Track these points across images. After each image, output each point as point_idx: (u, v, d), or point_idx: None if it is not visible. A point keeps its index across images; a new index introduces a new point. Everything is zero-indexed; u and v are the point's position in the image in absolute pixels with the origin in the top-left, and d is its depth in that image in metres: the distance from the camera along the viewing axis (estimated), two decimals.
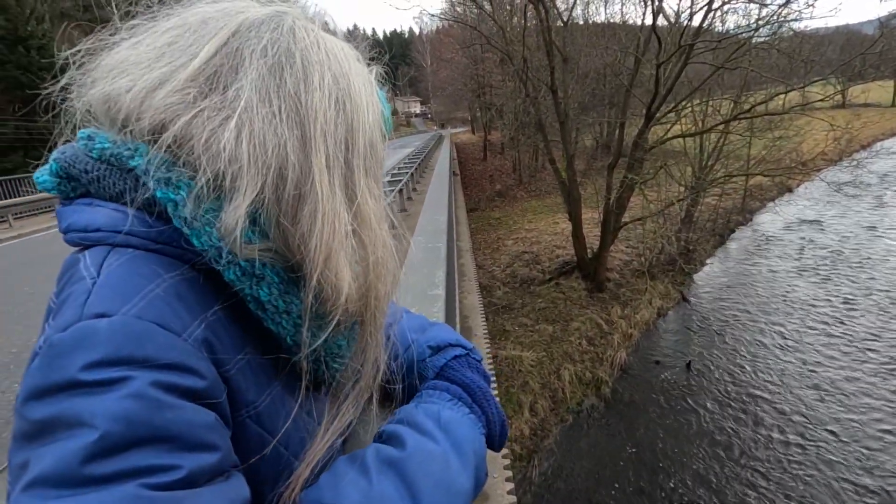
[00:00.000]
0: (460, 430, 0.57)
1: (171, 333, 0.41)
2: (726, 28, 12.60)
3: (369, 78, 0.56)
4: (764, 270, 14.30)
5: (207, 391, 0.42)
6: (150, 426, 0.36)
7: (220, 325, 0.46)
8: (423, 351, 0.70)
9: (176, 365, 0.39)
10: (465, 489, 0.53)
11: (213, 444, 0.40)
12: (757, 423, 7.97)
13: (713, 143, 14.52)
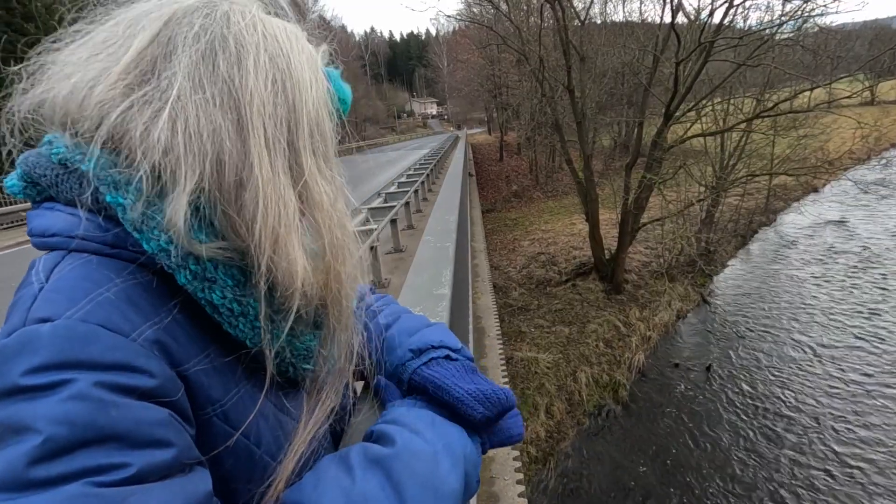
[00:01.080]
0: (452, 431, 0.56)
1: (117, 335, 0.40)
2: (748, 25, 12.35)
3: (314, 56, 0.54)
4: (787, 273, 13.93)
5: (158, 390, 0.41)
6: (95, 426, 0.36)
7: (177, 325, 0.46)
8: (405, 354, 0.69)
9: (121, 365, 0.39)
10: (454, 492, 0.51)
11: (166, 440, 0.39)
12: (778, 430, 7.76)
13: (735, 142, 14.23)
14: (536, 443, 7.70)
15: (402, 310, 0.85)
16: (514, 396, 0.63)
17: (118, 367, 0.39)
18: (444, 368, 0.64)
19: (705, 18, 10.23)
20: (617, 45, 15.72)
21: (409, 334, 0.73)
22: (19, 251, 10.11)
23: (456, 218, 3.09)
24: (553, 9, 11.72)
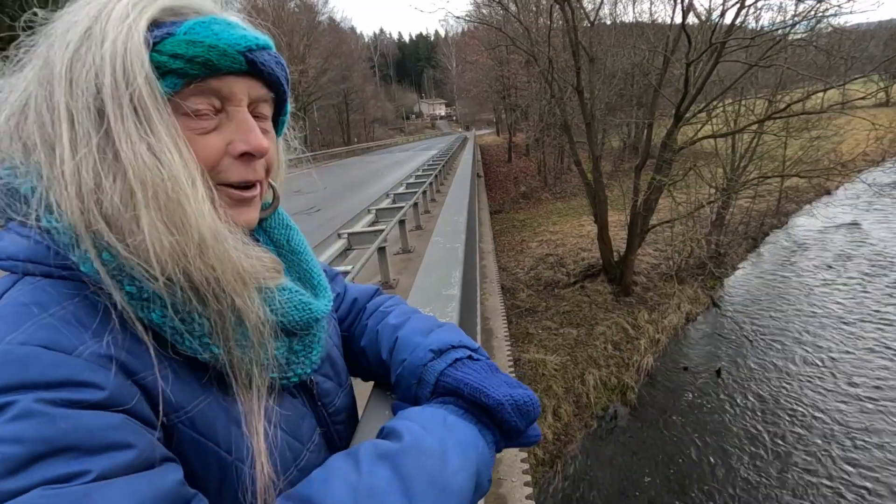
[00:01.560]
0: (464, 430, 0.56)
1: (58, 353, 0.40)
2: (760, 25, 12.24)
3: (133, 18, 0.46)
4: (798, 277, 13.76)
5: (108, 400, 0.40)
6: (46, 440, 0.36)
7: (132, 339, 0.45)
8: (425, 355, 0.67)
9: (64, 381, 0.39)
10: (463, 490, 0.50)
11: (125, 442, 0.39)
12: (787, 438, 7.67)
13: (746, 143, 14.10)
14: (544, 445, 7.67)
15: (411, 310, 0.84)
16: (539, 402, 0.62)
17: (61, 383, 0.39)
18: (473, 370, 0.64)
19: (717, 19, 10.16)
20: (627, 45, 15.64)
21: (423, 334, 0.72)
22: None
23: (465, 219, 3.08)
24: (562, 10, 11.69)
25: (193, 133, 0.50)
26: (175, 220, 0.45)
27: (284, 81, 0.58)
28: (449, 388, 0.63)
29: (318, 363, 0.63)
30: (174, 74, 0.48)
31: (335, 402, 0.69)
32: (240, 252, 0.49)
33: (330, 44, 44.33)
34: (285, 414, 0.58)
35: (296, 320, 0.56)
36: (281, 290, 0.56)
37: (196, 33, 0.49)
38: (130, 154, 0.44)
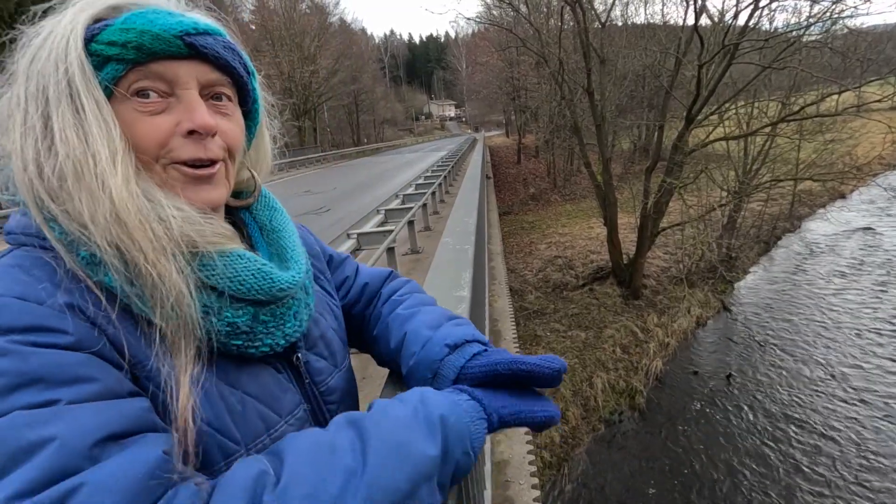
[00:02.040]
0: (441, 403, 0.56)
1: (27, 303, 0.45)
2: (774, 27, 12.10)
3: (75, 17, 0.53)
4: (811, 282, 13.58)
5: (75, 344, 0.45)
6: (20, 373, 0.42)
7: (93, 294, 0.49)
8: (441, 349, 0.69)
9: (33, 327, 0.44)
10: (426, 457, 0.50)
11: (90, 376, 0.44)
12: (799, 445, 7.57)
13: (759, 146, 13.95)
14: (551, 448, 7.64)
15: (423, 300, 0.86)
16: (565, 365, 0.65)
17: (29, 328, 0.44)
18: (496, 352, 0.67)
19: (730, 20, 10.07)
20: (638, 47, 15.56)
21: (432, 328, 0.74)
22: None
23: (475, 220, 3.08)
24: (573, 11, 11.66)
25: (143, 115, 0.54)
26: (94, 191, 0.50)
27: (239, 66, 0.61)
28: (477, 377, 0.65)
29: (295, 338, 0.64)
30: (113, 61, 0.53)
31: (328, 382, 0.71)
32: (157, 219, 0.52)
33: (341, 45, 44.52)
34: (260, 383, 0.60)
35: (254, 287, 0.58)
36: (234, 257, 0.57)
37: (131, 22, 0.53)
38: (62, 134, 0.50)
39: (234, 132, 0.62)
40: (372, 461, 0.47)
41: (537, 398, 0.65)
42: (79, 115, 0.51)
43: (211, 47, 0.56)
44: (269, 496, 0.43)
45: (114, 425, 0.43)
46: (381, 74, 76.79)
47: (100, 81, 0.53)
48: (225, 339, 0.56)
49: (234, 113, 0.62)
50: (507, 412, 0.61)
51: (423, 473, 0.50)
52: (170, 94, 0.56)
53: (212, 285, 0.55)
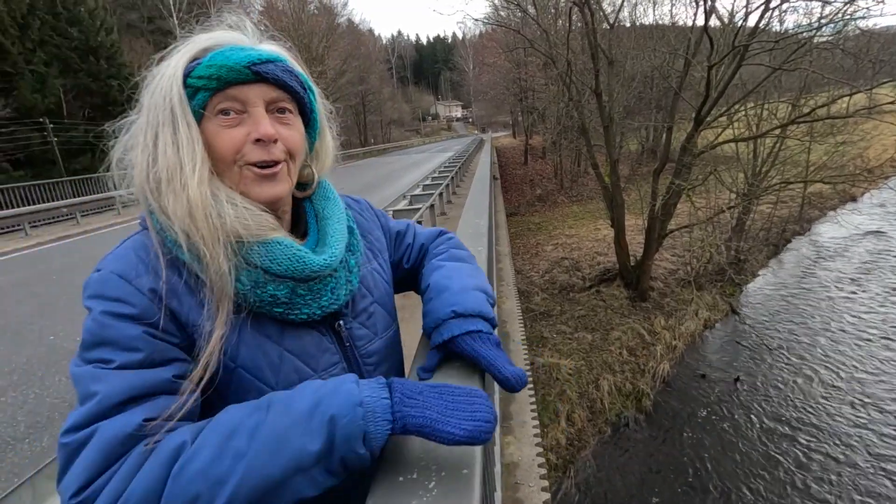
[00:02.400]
0: (335, 403, 0.60)
1: (120, 279, 0.65)
2: (785, 28, 12.01)
3: (177, 63, 0.71)
4: (821, 285, 13.45)
5: (137, 316, 0.64)
6: (99, 336, 0.63)
7: (175, 276, 0.68)
8: (447, 312, 0.82)
9: (116, 297, 0.64)
10: (302, 451, 0.57)
11: (137, 347, 0.63)
12: (806, 451, 7.50)
13: (768, 148, 13.83)
14: (557, 450, 7.62)
15: (458, 255, 1.03)
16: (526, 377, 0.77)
17: (114, 299, 0.64)
18: (485, 345, 0.79)
19: (740, 21, 9.99)
20: (646, 48, 15.49)
21: (450, 290, 0.87)
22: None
23: (486, 221, 3.08)
24: (582, 12, 11.63)
25: (224, 128, 0.71)
26: (178, 192, 0.68)
27: (296, 84, 0.76)
28: (455, 351, 0.80)
29: (332, 310, 0.78)
30: (202, 90, 0.71)
31: (367, 346, 0.85)
32: (216, 215, 0.68)
33: (348, 45, 44.67)
34: (301, 343, 0.76)
35: (289, 269, 0.72)
36: (274, 244, 0.72)
37: (213, 59, 0.70)
38: (163, 149, 0.69)
39: (295, 138, 0.77)
40: (255, 448, 0.56)
41: (476, 412, 0.63)
42: (175, 135, 0.69)
43: (271, 72, 0.72)
44: (176, 467, 0.56)
45: (135, 391, 0.61)
46: (388, 75, 76.93)
47: (193, 106, 0.70)
48: (269, 307, 0.72)
49: (295, 122, 0.78)
50: (416, 423, 0.61)
51: (299, 466, 0.57)
52: (243, 112, 0.72)
53: (258, 265, 0.70)
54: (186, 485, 0.55)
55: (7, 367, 4.66)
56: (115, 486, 0.55)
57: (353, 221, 0.91)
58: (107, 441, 0.57)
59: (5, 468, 3.25)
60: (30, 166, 18.79)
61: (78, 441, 0.57)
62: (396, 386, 0.64)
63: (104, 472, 0.56)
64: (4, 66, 17.48)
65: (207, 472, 0.55)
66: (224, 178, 0.73)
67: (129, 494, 0.54)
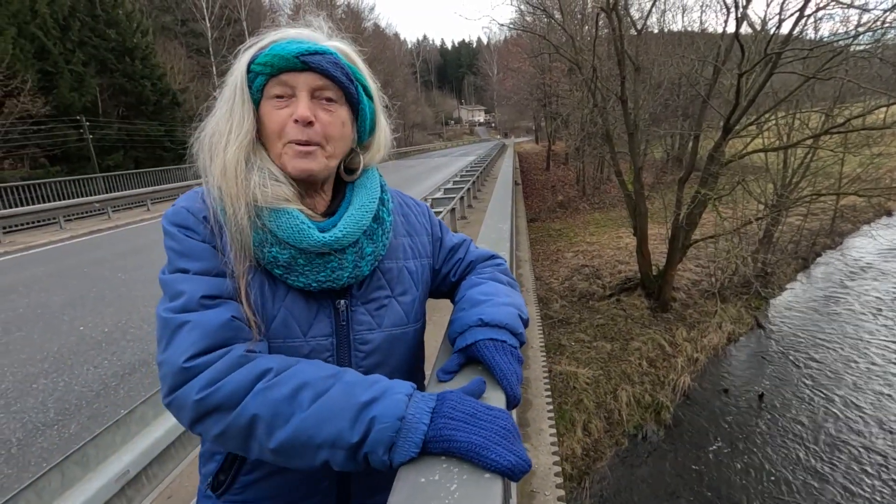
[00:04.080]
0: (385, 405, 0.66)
1: (189, 213, 0.83)
2: (820, 35, 11.69)
3: (245, 55, 0.85)
4: (853, 301, 12.98)
5: (203, 239, 0.81)
6: (180, 250, 0.80)
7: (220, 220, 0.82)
8: (474, 320, 0.85)
9: (187, 225, 0.82)
10: (342, 434, 0.64)
11: (205, 258, 0.79)
12: (834, 470, 7.23)
13: (799, 158, 13.44)
14: (572, 460, 7.51)
15: (496, 276, 1.06)
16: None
17: (185, 226, 0.82)
18: (504, 354, 0.80)
19: (772, 29, 9.76)
20: (674, 55, 15.25)
21: (476, 304, 0.90)
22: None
23: (509, 226, 3.08)
24: (609, 18, 11.51)
25: (275, 109, 0.82)
26: (218, 153, 0.82)
27: (342, 76, 0.84)
28: (475, 356, 0.82)
29: (327, 286, 0.84)
30: (261, 75, 0.82)
31: (363, 333, 0.89)
32: (243, 177, 0.80)
33: (374, 49, 45.16)
34: (297, 306, 0.84)
35: (291, 237, 0.80)
36: (283, 213, 0.81)
37: (272, 49, 0.81)
38: (221, 118, 0.84)
39: (333, 125, 0.85)
40: (312, 409, 0.65)
41: (517, 450, 0.62)
42: (233, 109, 0.83)
43: (318, 63, 0.81)
44: (259, 385, 0.68)
45: (212, 290, 0.77)
46: (412, 79, 77.47)
47: (253, 88, 0.83)
48: (271, 266, 0.82)
49: (338, 111, 0.86)
50: (462, 449, 0.61)
51: (334, 444, 0.64)
52: (292, 96, 0.82)
53: (266, 227, 0.80)
54: (259, 404, 0.66)
55: (39, 355, 4.83)
56: (216, 372, 0.69)
57: (389, 214, 0.96)
58: (207, 326, 0.72)
59: (35, 453, 3.37)
60: (66, 162, 19.49)
61: (177, 322, 0.73)
62: (446, 409, 0.65)
63: (210, 351, 0.71)
64: (46, 65, 18.20)
65: (276, 406, 0.66)
66: (270, 152, 0.84)
67: (223, 385, 0.68)
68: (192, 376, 0.69)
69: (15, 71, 16.31)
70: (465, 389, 0.72)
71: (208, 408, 0.67)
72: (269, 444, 0.66)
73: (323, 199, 0.93)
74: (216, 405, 0.67)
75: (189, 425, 0.71)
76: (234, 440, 0.69)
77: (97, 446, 2.02)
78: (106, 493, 1.91)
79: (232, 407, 0.67)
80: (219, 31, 32.60)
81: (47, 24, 18.17)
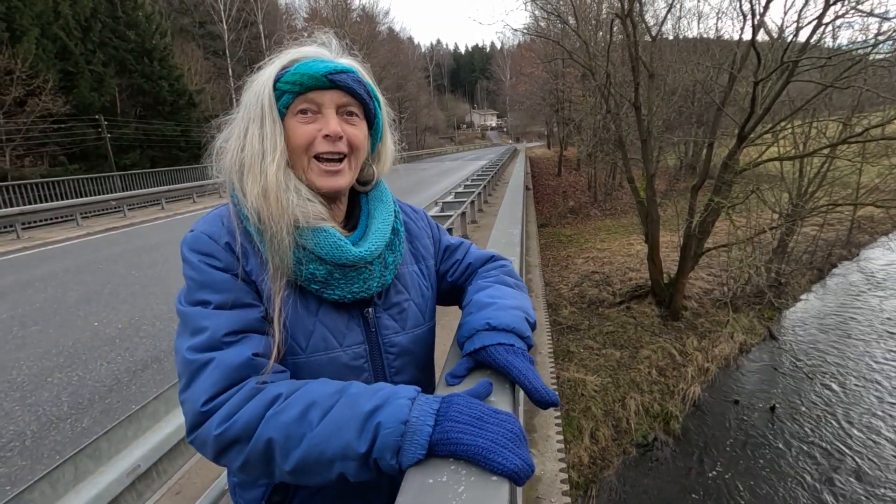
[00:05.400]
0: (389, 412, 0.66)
1: (210, 239, 0.82)
2: (838, 44, 11.55)
3: (270, 72, 0.86)
4: (869, 312, 12.74)
5: (223, 268, 0.81)
6: (198, 280, 0.80)
7: (241, 237, 0.83)
8: (481, 324, 0.86)
9: (208, 252, 0.81)
10: (351, 447, 0.65)
11: (227, 289, 0.79)
12: (849, 487, 7.08)
13: (816, 167, 13.26)
14: (579, 468, 7.45)
15: (502, 280, 1.07)
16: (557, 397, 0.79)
17: (206, 253, 0.81)
18: (516, 356, 0.81)
19: (789, 36, 9.66)
20: (689, 62, 15.15)
21: (483, 307, 0.91)
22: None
23: (520, 231, 3.08)
24: (623, 24, 11.48)
25: (302, 124, 0.85)
26: (257, 176, 0.82)
27: (363, 93, 0.88)
28: (486, 361, 0.82)
29: (361, 297, 0.87)
30: (287, 93, 0.85)
31: (391, 337, 0.93)
32: (285, 199, 0.81)
33: (388, 53, 45.47)
34: (332, 319, 0.87)
35: (329, 254, 0.83)
36: (321, 231, 0.83)
37: (298, 68, 0.85)
38: (250, 139, 0.84)
39: (358, 136, 0.89)
40: (321, 426, 0.67)
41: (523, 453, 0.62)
42: (262, 129, 0.84)
43: (344, 81, 0.85)
44: (270, 412, 0.69)
45: (234, 326, 0.77)
46: (425, 83, 77.78)
47: (279, 106, 0.84)
48: (307, 282, 0.84)
49: (360, 125, 0.90)
50: (468, 452, 0.61)
51: (345, 455, 0.65)
52: (318, 112, 0.86)
53: (305, 246, 0.82)
54: (272, 429, 0.68)
55: (55, 350, 4.92)
56: (231, 407, 0.71)
57: (401, 225, 1.01)
58: (228, 367, 0.73)
59: (48, 446, 3.42)
60: (84, 160, 19.85)
61: (200, 362, 0.73)
62: (452, 413, 0.65)
63: (226, 391, 0.72)
64: (67, 65, 18.58)
65: (287, 427, 0.68)
66: (295, 167, 0.86)
67: (238, 418, 0.70)
68: (210, 414, 0.71)
69: (37, 70, 16.69)
70: (472, 392, 0.72)
71: (227, 441, 0.70)
72: (286, 465, 0.68)
73: (340, 210, 0.97)
74: (235, 438, 0.69)
75: (214, 459, 0.73)
76: (256, 468, 0.71)
77: (109, 440, 2.05)
78: (117, 487, 1.94)
79: (249, 437, 0.69)
80: (235, 34, 33.06)
81: (70, 25, 18.57)
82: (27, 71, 16.27)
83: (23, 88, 16.41)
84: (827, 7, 8.75)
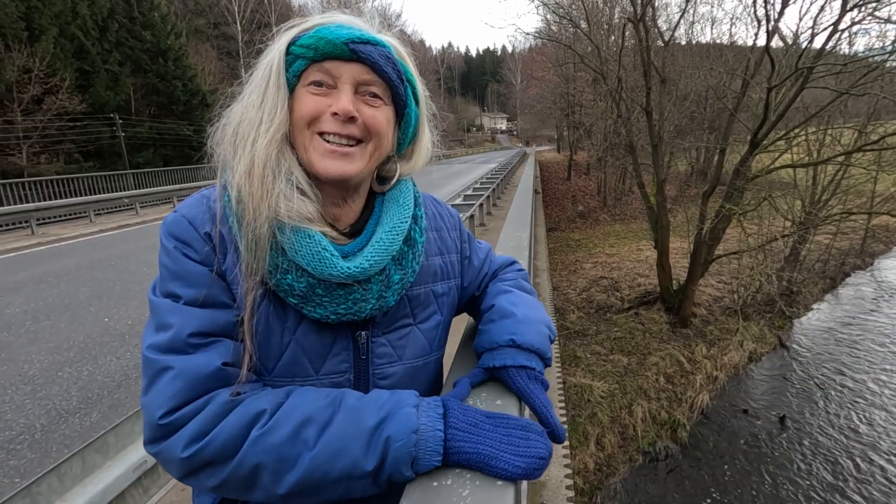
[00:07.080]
0: (396, 423, 0.63)
1: (189, 225, 0.71)
2: (854, 50, 11.40)
3: (285, 37, 0.74)
4: (883, 323, 12.53)
5: (202, 260, 0.70)
6: (172, 269, 0.70)
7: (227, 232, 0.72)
8: (505, 339, 0.80)
9: (185, 240, 0.71)
10: (356, 464, 0.61)
11: (200, 284, 0.69)
12: (859, 495, 6.95)
13: (830, 175, 13.09)
14: (584, 474, 7.39)
15: (520, 285, 0.99)
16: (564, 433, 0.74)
17: (183, 241, 0.71)
18: (537, 387, 0.77)
19: (804, 43, 9.56)
20: (702, 67, 15.04)
21: (506, 315, 0.84)
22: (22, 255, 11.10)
23: (528, 234, 3.07)
24: (636, 29, 11.44)
25: (313, 95, 0.71)
26: (246, 147, 0.70)
27: (392, 72, 0.73)
28: (503, 380, 0.78)
29: (348, 319, 0.73)
30: (300, 58, 0.71)
31: (384, 367, 0.80)
32: (270, 180, 0.69)
33: None
34: (311, 340, 0.74)
35: (309, 264, 0.69)
36: (303, 235, 0.69)
37: (318, 31, 0.71)
38: (251, 103, 0.72)
39: (378, 120, 0.74)
40: (322, 445, 0.61)
41: (531, 447, 0.63)
42: (264, 94, 0.71)
43: (368, 54, 0.71)
44: (255, 432, 0.61)
45: (203, 327, 0.67)
46: (436, 86, 78.01)
47: (290, 73, 0.72)
48: (283, 294, 0.71)
49: (382, 108, 0.75)
50: (470, 460, 0.62)
51: (352, 475, 0.61)
52: (333, 87, 0.72)
53: (284, 249, 0.69)
54: (260, 452, 0.61)
55: (66, 345, 4.98)
56: (200, 425, 0.62)
57: (421, 234, 0.83)
58: (192, 376, 0.63)
59: (57, 439, 3.46)
60: (98, 158, 20.12)
61: (161, 364, 0.64)
62: (452, 419, 0.65)
63: (189, 404, 0.63)
64: (84, 64, 18.87)
65: (280, 450, 0.61)
66: (297, 146, 0.73)
67: (213, 438, 0.61)
68: (173, 431, 0.62)
69: (55, 69, 16.97)
70: (455, 394, 0.73)
71: (199, 464, 0.61)
72: (277, 489, 0.61)
73: (352, 210, 0.80)
74: (208, 460, 0.61)
75: (179, 478, 0.65)
76: (233, 491, 0.63)
77: (117, 435, 2.07)
78: (124, 482, 1.95)
79: (227, 459, 0.61)
80: (249, 35, 33.42)
81: (87, 24, 18.86)
82: (45, 69, 16.55)
83: (40, 87, 16.69)
84: (843, 13, 8.65)
